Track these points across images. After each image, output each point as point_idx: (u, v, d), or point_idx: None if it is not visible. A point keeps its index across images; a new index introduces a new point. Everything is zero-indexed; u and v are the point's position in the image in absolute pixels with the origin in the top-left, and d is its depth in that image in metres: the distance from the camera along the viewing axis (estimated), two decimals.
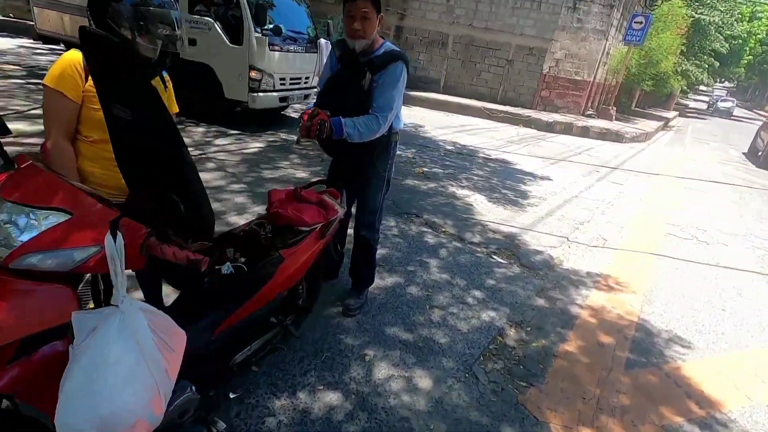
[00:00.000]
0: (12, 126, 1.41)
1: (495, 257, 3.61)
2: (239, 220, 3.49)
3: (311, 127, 1.89)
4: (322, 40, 6.90)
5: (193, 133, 5.76)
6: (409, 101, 11.70)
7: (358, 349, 2.28)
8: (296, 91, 6.63)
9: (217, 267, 1.55)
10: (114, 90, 1.02)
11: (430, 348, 2.39)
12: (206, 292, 1.45)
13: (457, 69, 13.13)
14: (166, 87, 1.78)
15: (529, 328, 2.73)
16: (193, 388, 1.44)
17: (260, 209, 3.78)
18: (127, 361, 0.91)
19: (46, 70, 1.54)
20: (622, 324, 2.93)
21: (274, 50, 5.91)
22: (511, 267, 3.49)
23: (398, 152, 6.73)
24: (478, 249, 3.71)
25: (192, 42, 5.85)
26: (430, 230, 3.93)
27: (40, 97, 4.07)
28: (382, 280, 2.97)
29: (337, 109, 2.02)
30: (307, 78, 6.82)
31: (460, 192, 5.14)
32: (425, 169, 5.85)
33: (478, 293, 3.01)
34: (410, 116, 9.81)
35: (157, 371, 0.96)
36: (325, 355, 2.19)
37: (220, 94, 6.00)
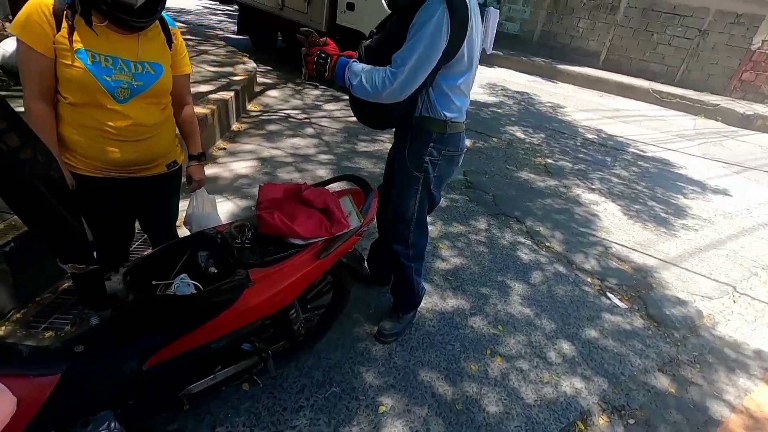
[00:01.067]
0: None
1: (610, 297, 2.68)
2: None
3: (308, 58, 1.50)
4: (491, 9, 5.67)
5: (307, 96, 5.70)
6: (555, 76, 10.10)
7: (375, 392, 1.80)
8: None
9: (159, 282, 1.20)
10: None
11: (471, 417, 1.77)
12: (132, 315, 1.12)
13: (625, 40, 10.78)
14: (171, 43, 1.46)
15: (631, 421, 1.88)
16: (114, 423, 1.16)
17: (342, 185, 3.45)
18: None
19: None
20: None
21: None
22: (630, 316, 2.54)
23: (521, 135, 5.78)
24: (588, 280, 2.80)
25: (350, 6, 5.43)
26: (528, 242, 3.12)
27: None
28: (442, 300, 2.38)
29: (382, 59, 1.50)
30: None
31: (587, 196, 4.08)
32: (549, 161, 4.83)
33: (567, 347, 2.22)
34: (552, 94, 8.41)
35: None
36: (331, 390, 1.77)
37: None
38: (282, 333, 1.55)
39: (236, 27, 7.66)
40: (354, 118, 2.05)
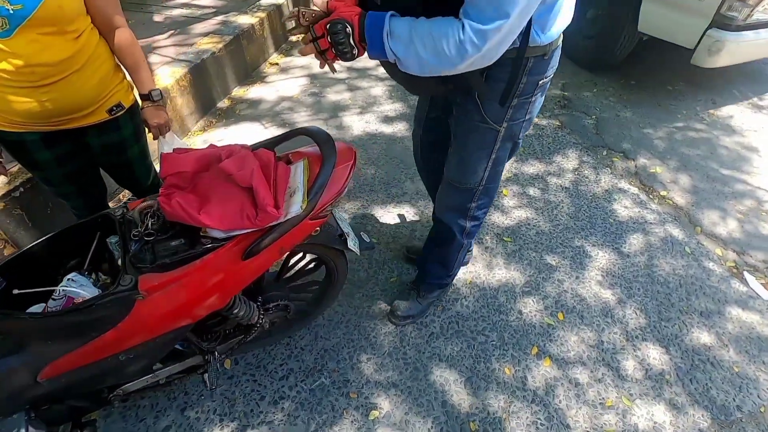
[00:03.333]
0: None
1: (749, 280, 1.86)
2: (350, 120, 2.74)
3: (319, 42, 0.90)
4: None
5: None
6: None
7: (372, 390, 1.48)
8: None
9: (23, 291, 0.94)
10: None
11: None
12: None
13: None
14: None
15: None
16: (28, 428, 1.03)
17: (396, 108, 2.89)
18: None
19: None
20: None
21: None
22: None
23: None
24: (717, 252, 1.97)
25: None
26: (634, 189, 2.30)
27: None
28: (487, 270, 1.87)
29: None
30: None
31: (745, 119, 2.86)
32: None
33: (656, 355, 1.59)
34: None
35: None
36: (319, 381, 1.49)
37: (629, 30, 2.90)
38: (235, 330, 1.27)
39: None
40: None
